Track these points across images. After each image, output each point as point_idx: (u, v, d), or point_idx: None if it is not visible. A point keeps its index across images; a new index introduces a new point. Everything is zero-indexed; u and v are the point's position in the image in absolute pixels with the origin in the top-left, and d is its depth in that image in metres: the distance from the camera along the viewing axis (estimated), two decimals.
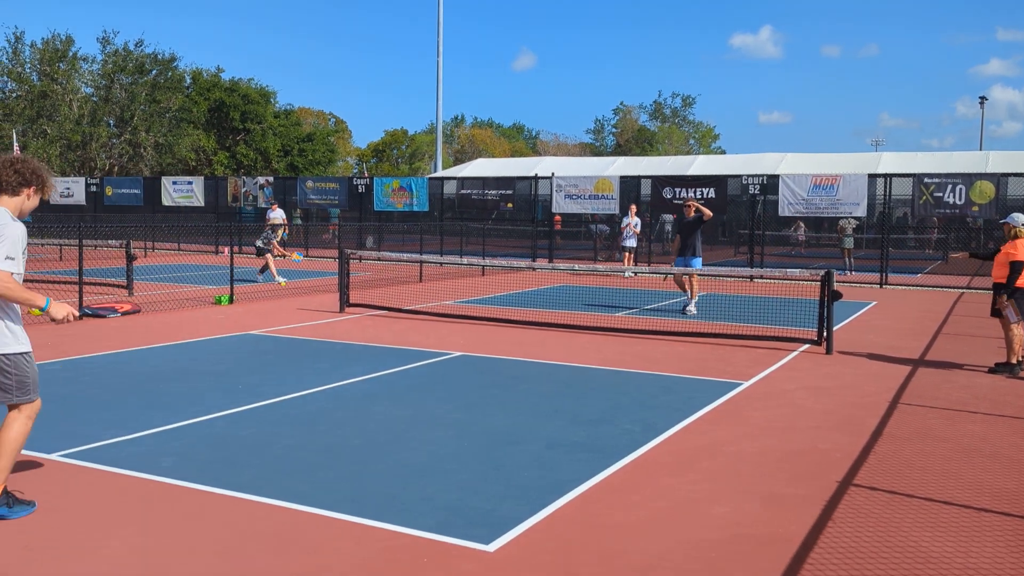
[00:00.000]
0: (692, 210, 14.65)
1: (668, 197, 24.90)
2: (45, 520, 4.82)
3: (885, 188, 22.33)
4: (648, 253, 26.73)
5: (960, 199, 21.41)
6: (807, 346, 11.09)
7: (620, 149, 74.05)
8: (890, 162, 35.32)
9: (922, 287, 20.63)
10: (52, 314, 4.88)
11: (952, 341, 12.08)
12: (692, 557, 4.49)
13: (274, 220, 21.84)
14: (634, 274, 21.94)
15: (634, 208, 23.15)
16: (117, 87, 47.35)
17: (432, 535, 4.66)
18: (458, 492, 5.36)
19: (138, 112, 47.50)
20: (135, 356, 9.94)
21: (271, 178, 33.86)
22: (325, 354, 10.29)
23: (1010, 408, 8.02)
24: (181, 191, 33.89)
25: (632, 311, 14.84)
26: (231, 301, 15.17)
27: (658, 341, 11.61)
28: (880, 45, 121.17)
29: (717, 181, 24.80)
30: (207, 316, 13.49)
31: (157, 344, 10.75)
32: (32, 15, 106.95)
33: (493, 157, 61.42)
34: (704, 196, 24.09)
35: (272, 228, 19.82)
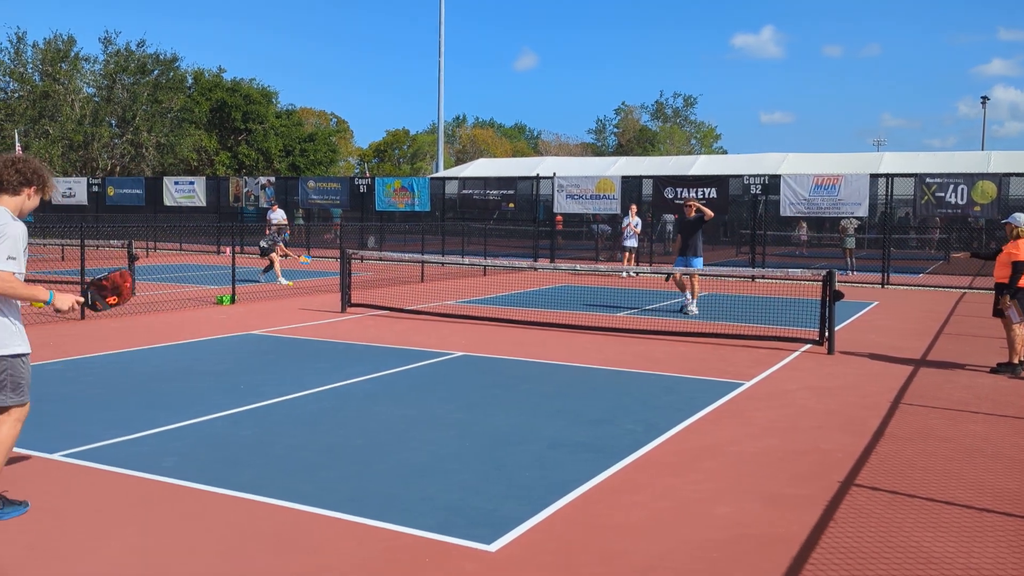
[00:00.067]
0: (693, 210, 14.64)
1: (670, 197, 24.90)
2: (47, 520, 4.83)
3: (887, 188, 22.32)
4: (650, 253, 26.72)
5: (962, 199, 21.40)
6: (809, 346, 11.08)
7: (622, 149, 74.00)
8: (892, 162, 35.30)
9: (924, 287, 20.62)
10: (57, 305, 4.86)
11: (954, 341, 12.07)
12: (694, 557, 4.49)
13: (278, 221, 21.81)
14: (636, 274, 21.96)
15: (634, 208, 23.13)
16: (119, 87, 47.39)
17: (433, 535, 4.66)
18: (460, 492, 5.36)
19: (140, 112, 47.55)
20: (137, 356, 9.95)
21: (273, 178, 33.89)
22: (327, 354, 10.29)
23: (1012, 408, 8.01)
24: (183, 191, 33.92)
25: (633, 311, 14.84)
26: (233, 301, 15.19)
27: (660, 341, 11.61)
28: (882, 45, 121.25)
29: (719, 181, 24.80)
30: (209, 316, 13.50)
31: (159, 344, 10.76)
32: (34, 15, 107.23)
33: (495, 157, 61.44)
34: (706, 196, 24.08)
35: (279, 230, 19.85)
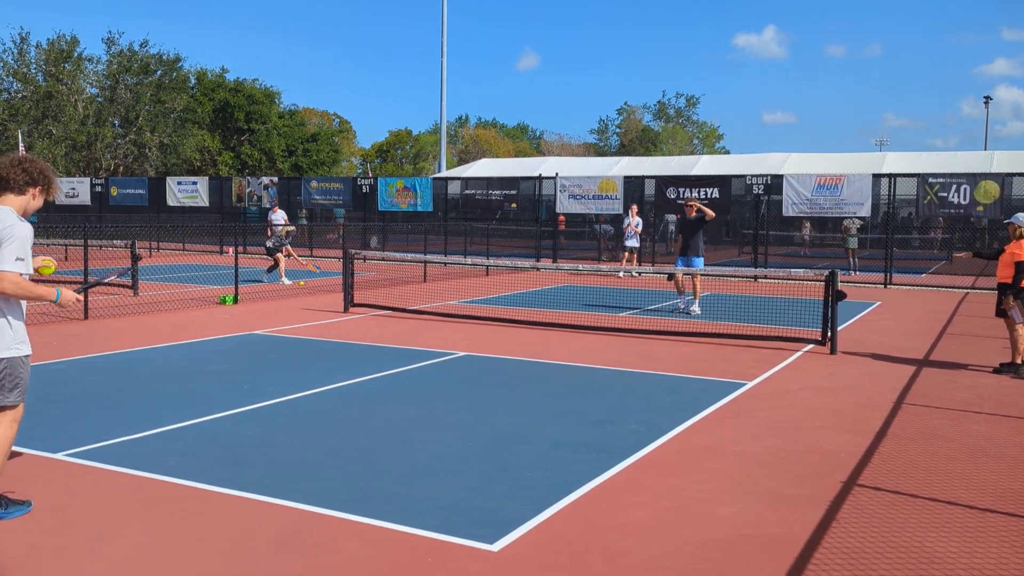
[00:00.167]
0: (694, 210, 14.63)
1: (672, 197, 24.89)
2: (51, 519, 4.84)
3: (889, 188, 22.29)
4: (652, 253, 26.71)
5: (965, 199, 21.38)
6: (811, 346, 11.08)
7: (624, 149, 73.96)
8: (894, 162, 35.28)
9: (926, 287, 20.60)
10: (61, 303, 4.95)
11: (957, 341, 12.06)
12: (697, 557, 4.49)
13: (279, 222, 21.79)
14: (638, 274, 21.96)
15: (635, 208, 23.15)
16: (122, 87, 47.45)
17: (437, 535, 4.67)
18: (463, 492, 5.37)
19: (143, 112, 47.59)
20: (140, 356, 9.97)
21: (275, 178, 33.91)
22: (330, 354, 10.31)
23: (1015, 408, 8.01)
24: (186, 191, 33.96)
25: (635, 311, 14.84)
26: (236, 301, 15.21)
27: (662, 341, 11.61)
28: (884, 45, 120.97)
29: (721, 181, 24.79)
30: (212, 316, 13.52)
31: (162, 344, 10.77)
32: (37, 16, 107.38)
33: (497, 157, 61.41)
34: (708, 196, 24.08)
35: (287, 233, 19.88)
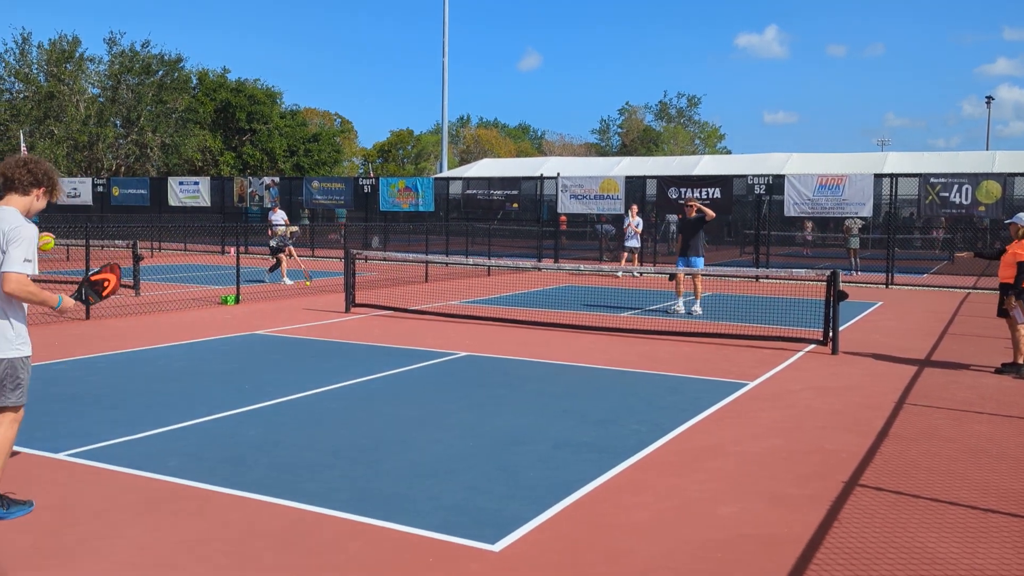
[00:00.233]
0: (694, 210, 14.63)
1: (674, 197, 24.88)
2: (53, 519, 4.84)
3: (891, 188, 22.27)
4: (654, 253, 26.70)
5: (966, 199, 21.36)
6: (813, 346, 11.08)
7: (625, 149, 73.92)
8: (896, 162, 35.24)
9: (928, 287, 20.59)
10: (62, 311, 5.01)
11: (958, 341, 12.06)
12: (698, 557, 4.49)
13: (284, 224, 21.77)
14: (639, 274, 21.96)
15: (635, 208, 23.18)
16: (124, 88, 47.47)
17: (438, 535, 4.67)
18: (464, 492, 5.37)
19: (144, 113, 47.61)
20: (142, 356, 9.97)
21: (277, 178, 33.92)
22: (331, 354, 10.31)
23: (1017, 409, 8.00)
24: (187, 191, 33.98)
25: (637, 311, 14.84)
26: (237, 301, 15.22)
27: (664, 341, 11.61)
28: (886, 44, 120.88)
29: (723, 181, 24.78)
30: (213, 316, 13.53)
31: (164, 344, 10.78)
32: (39, 17, 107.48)
33: (498, 157, 61.39)
34: (710, 196, 24.07)
35: (291, 233, 19.90)
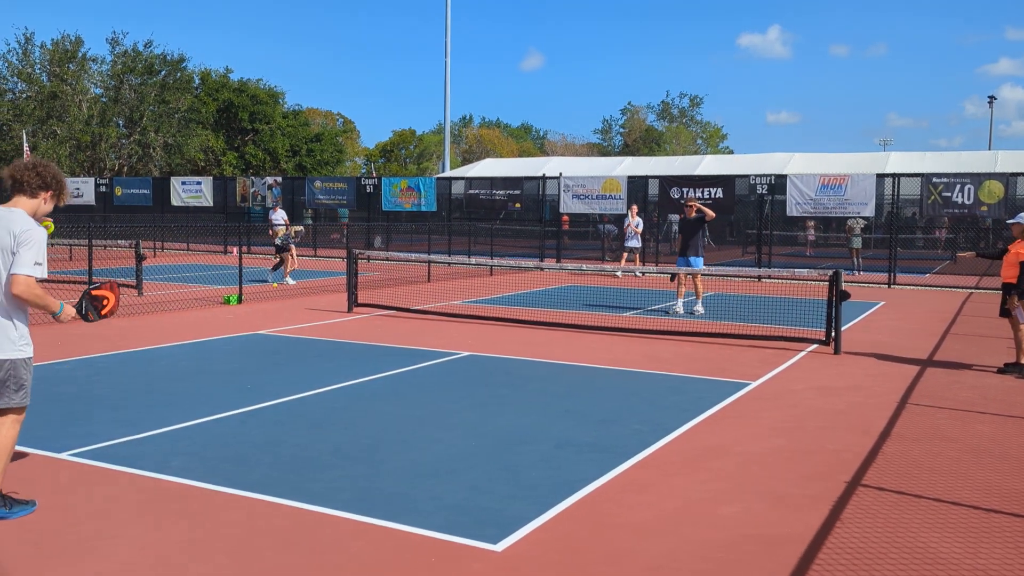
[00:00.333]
0: (693, 210, 14.61)
1: (676, 197, 24.85)
2: (55, 519, 4.85)
3: (893, 188, 22.24)
4: (656, 253, 26.69)
5: (969, 199, 21.34)
6: (815, 346, 11.07)
7: (628, 149, 73.90)
8: (898, 162, 35.19)
9: (930, 287, 20.57)
10: (61, 319, 5.03)
11: (961, 341, 12.04)
12: (700, 557, 4.49)
13: (284, 223, 21.77)
14: (641, 274, 21.96)
15: (635, 208, 23.21)
16: (126, 88, 47.50)
17: (440, 535, 4.67)
18: (466, 492, 5.38)
19: (147, 112, 47.65)
20: (144, 356, 9.99)
21: (279, 178, 33.93)
22: (334, 354, 10.32)
23: (1020, 409, 7.99)
24: (190, 191, 34.00)
25: (638, 311, 14.84)
26: (240, 301, 15.23)
27: (666, 341, 11.61)
28: (888, 44, 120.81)
29: (725, 181, 24.76)
30: (216, 316, 13.54)
31: (166, 344, 10.79)
32: (41, 17, 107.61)
33: (501, 157, 61.40)
34: (712, 196, 24.06)
35: (296, 232, 19.91)
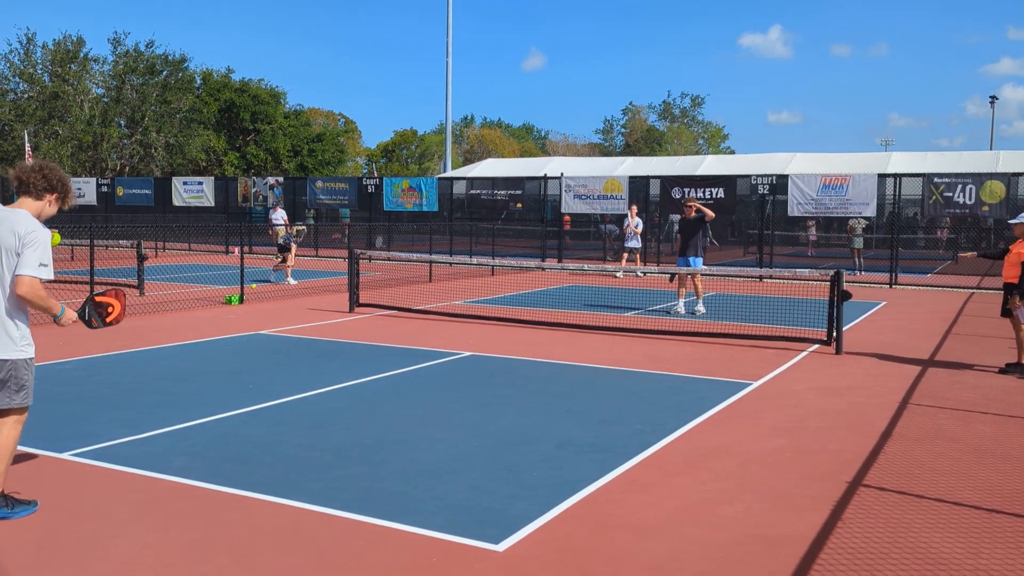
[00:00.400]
0: (693, 210, 14.60)
1: (677, 197, 24.83)
2: (56, 519, 4.86)
3: (895, 188, 22.23)
4: (657, 253, 26.69)
5: (970, 199, 21.32)
6: (816, 346, 11.06)
7: (629, 149, 73.89)
8: (900, 162, 35.15)
9: (932, 287, 20.56)
10: (61, 322, 5.02)
11: (962, 341, 12.04)
12: (702, 557, 4.49)
13: (284, 223, 21.78)
14: (642, 274, 21.95)
15: (634, 209, 23.22)
16: (128, 88, 47.53)
17: (441, 535, 4.68)
18: (468, 492, 5.38)
19: (149, 113, 47.67)
20: (146, 356, 9.99)
21: (281, 178, 33.94)
22: (335, 354, 10.32)
23: (1021, 409, 7.98)
24: (191, 191, 34.02)
25: (639, 311, 14.84)
26: (241, 301, 15.23)
27: (667, 341, 11.60)
28: (890, 44, 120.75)
29: (726, 181, 24.75)
30: (217, 316, 13.55)
31: (168, 344, 10.80)
32: (43, 17, 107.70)
33: (502, 157, 61.40)
34: (713, 196, 24.05)
35: (298, 232, 19.92)
